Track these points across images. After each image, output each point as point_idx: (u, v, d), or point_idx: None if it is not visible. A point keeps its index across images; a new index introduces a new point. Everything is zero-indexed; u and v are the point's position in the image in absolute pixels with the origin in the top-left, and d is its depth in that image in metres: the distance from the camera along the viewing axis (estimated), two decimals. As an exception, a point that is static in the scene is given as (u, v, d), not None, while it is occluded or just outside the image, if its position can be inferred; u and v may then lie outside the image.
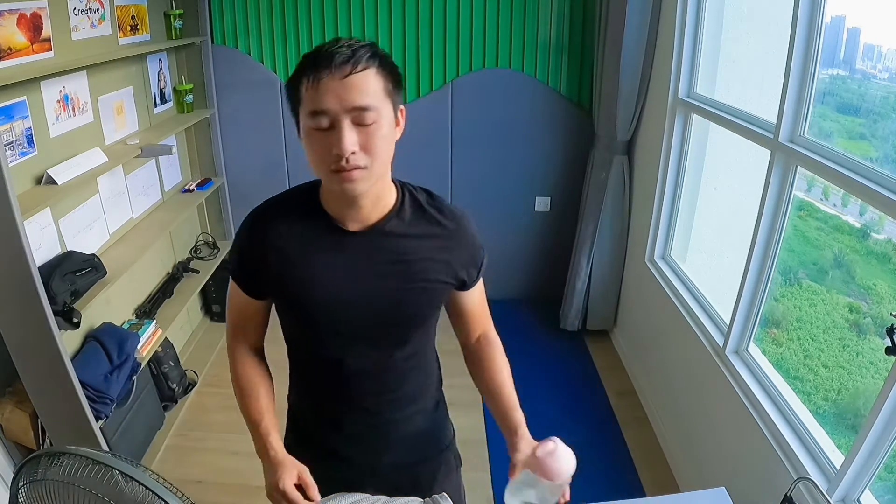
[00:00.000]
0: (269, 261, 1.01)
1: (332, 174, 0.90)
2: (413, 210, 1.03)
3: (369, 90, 0.88)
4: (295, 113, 0.94)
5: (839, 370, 1.79)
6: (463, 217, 1.07)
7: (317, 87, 0.87)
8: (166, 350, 2.59)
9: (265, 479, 1.02)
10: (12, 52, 1.78)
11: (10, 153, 1.79)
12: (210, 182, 3.03)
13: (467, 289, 1.12)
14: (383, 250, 1.00)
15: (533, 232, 3.34)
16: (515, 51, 2.96)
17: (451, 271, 1.05)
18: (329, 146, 0.88)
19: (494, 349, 1.20)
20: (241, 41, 2.95)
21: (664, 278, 2.50)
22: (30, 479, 0.78)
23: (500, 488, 2.20)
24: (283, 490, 0.96)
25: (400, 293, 1.01)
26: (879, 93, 1.64)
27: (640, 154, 2.78)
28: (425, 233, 1.02)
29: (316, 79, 0.87)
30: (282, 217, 1.02)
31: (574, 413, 2.60)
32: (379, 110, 0.90)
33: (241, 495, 2.16)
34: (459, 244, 1.05)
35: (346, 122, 0.87)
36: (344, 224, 0.99)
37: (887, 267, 1.68)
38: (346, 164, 0.88)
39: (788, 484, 1.21)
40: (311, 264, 1.00)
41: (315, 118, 0.88)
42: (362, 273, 1.00)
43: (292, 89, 0.92)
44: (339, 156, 0.88)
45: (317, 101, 0.87)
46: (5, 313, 1.66)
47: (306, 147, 0.92)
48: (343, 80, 0.86)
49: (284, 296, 1.04)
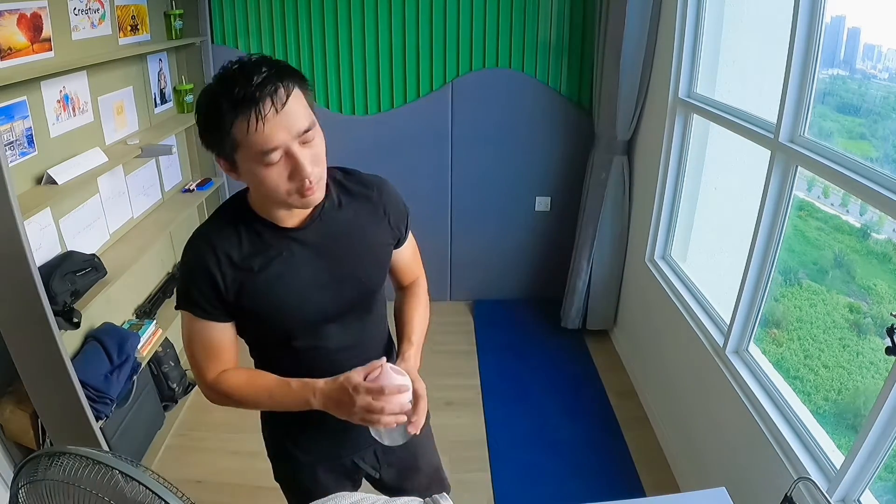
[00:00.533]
0: (227, 280, 1.01)
1: (294, 195, 0.95)
2: (338, 190, 1.09)
3: (302, 110, 0.92)
4: (227, 156, 0.94)
5: (839, 370, 1.79)
6: (382, 183, 1.15)
7: (262, 128, 0.88)
8: (166, 350, 2.59)
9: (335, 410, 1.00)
10: (12, 52, 1.78)
11: (10, 153, 1.79)
12: (210, 182, 3.03)
13: (401, 245, 1.20)
14: (329, 234, 1.06)
15: (533, 232, 3.34)
16: (515, 51, 2.96)
17: (389, 232, 1.14)
18: (287, 174, 0.93)
19: (420, 290, 1.28)
20: (241, 41, 2.95)
21: (664, 278, 2.50)
22: (30, 479, 0.78)
23: (500, 488, 2.20)
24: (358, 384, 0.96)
25: (357, 268, 1.09)
26: (879, 93, 1.64)
27: (640, 154, 2.78)
28: (356, 206, 1.10)
29: (258, 119, 0.87)
30: (224, 237, 1.02)
31: (574, 413, 2.60)
32: (314, 123, 0.94)
33: (241, 495, 2.16)
34: (388, 206, 1.13)
35: (297, 149, 0.91)
36: (284, 223, 1.03)
37: (887, 267, 1.68)
38: (309, 183, 0.93)
39: (788, 484, 1.21)
40: (269, 269, 1.02)
41: (265, 156, 0.90)
42: (319, 262, 1.05)
43: (221, 135, 0.90)
44: (302, 180, 0.92)
45: (265, 141, 0.89)
46: (5, 313, 1.66)
47: (254, 181, 0.95)
48: (283, 112, 0.89)
49: (251, 307, 1.03)
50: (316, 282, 1.05)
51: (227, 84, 0.88)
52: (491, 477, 2.26)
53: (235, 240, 1.02)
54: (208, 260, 1.01)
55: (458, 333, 3.15)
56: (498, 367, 2.89)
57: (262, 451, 1.31)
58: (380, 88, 3.01)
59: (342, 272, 1.07)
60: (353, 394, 0.96)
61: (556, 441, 2.42)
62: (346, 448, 1.24)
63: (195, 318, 1.04)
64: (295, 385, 1.03)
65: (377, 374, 0.98)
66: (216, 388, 1.08)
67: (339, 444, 1.23)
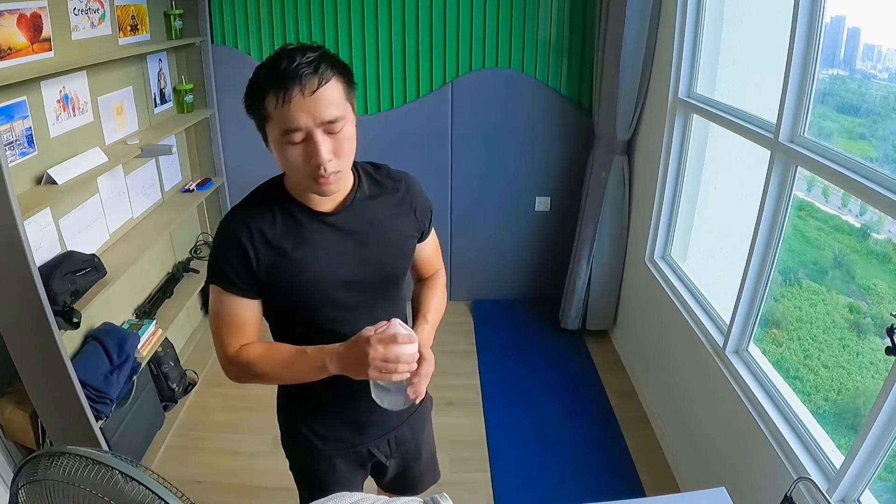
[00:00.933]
0: (259, 256, 1.04)
1: (310, 180, 0.99)
2: (369, 181, 1.14)
3: (334, 101, 0.96)
4: (261, 127, 1.00)
5: (839, 370, 1.79)
6: (409, 178, 1.21)
7: (287, 107, 0.93)
8: (166, 350, 2.59)
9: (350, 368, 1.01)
10: (12, 52, 1.78)
11: (10, 153, 1.79)
12: (210, 182, 3.03)
13: (424, 239, 1.26)
14: (359, 221, 1.10)
15: (533, 232, 3.34)
16: (515, 51, 2.96)
17: (414, 225, 1.19)
18: (305, 157, 0.97)
19: (439, 281, 1.33)
20: (241, 41, 2.95)
21: (664, 278, 2.50)
22: (29, 479, 0.78)
23: (500, 488, 2.21)
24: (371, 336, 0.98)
25: (383, 255, 1.13)
26: (879, 93, 1.64)
27: (640, 154, 2.78)
28: (385, 199, 1.15)
29: (285, 99, 0.92)
30: (259, 214, 1.06)
31: (574, 413, 2.60)
32: (344, 116, 0.98)
33: (241, 495, 2.16)
34: (414, 201, 1.19)
35: (319, 135, 0.95)
36: (318, 207, 1.08)
37: (887, 267, 1.68)
38: (324, 171, 0.97)
39: (788, 484, 1.21)
40: (300, 250, 1.06)
41: (288, 135, 0.95)
42: (348, 246, 1.09)
43: (256, 106, 0.97)
44: (317, 165, 0.96)
45: (289, 120, 0.94)
46: (5, 313, 1.66)
47: (279, 157, 0.99)
48: (311, 98, 0.93)
49: (280, 286, 1.06)
50: (344, 264, 1.09)
51: (275, 58, 0.94)
52: (491, 477, 2.26)
53: (270, 219, 1.05)
54: (242, 236, 1.04)
55: (458, 333, 3.15)
56: (498, 367, 2.89)
57: (262, 451, 1.32)
58: (380, 88, 3.01)
59: (369, 257, 1.11)
60: (366, 346, 0.98)
61: (556, 441, 2.42)
62: (363, 436, 1.27)
63: (224, 293, 1.07)
64: (311, 351, 1.05)
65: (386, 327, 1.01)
66: (236, 360, 1.10)
67: (358, 432, 1.26)
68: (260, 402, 2.66)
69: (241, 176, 3.18)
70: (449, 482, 2.19)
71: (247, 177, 3.14)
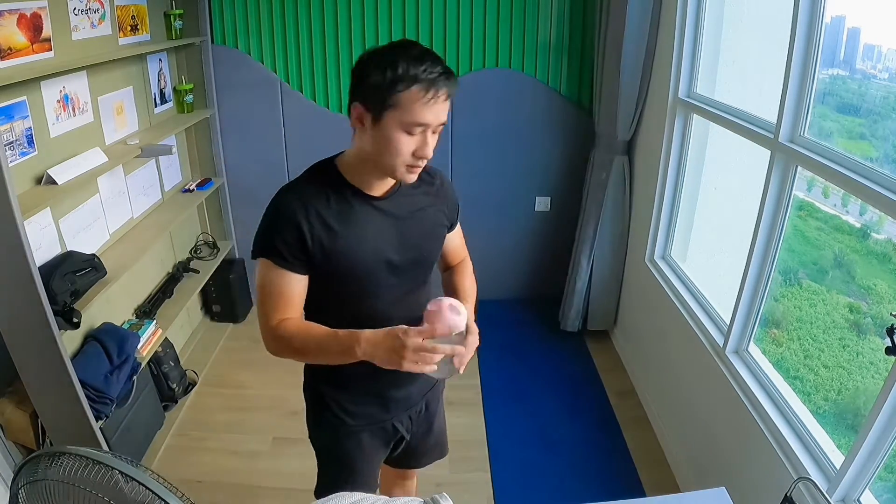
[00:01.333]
0: (314, 233, 1.10)
1: (405, 167, 1.08)
2: None
3: (448, 110, 1.08)
4: (377, 109, 1.04)
5: (839, 370, 1.79)
6: (442, 174, 1.31)
7: (429, 106, 1.03)
8: (166, 350, 2.59)
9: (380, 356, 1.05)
10: (12, 52, 1.78)
11: (10, 153, 1.79)
12: (210, 182, 3.03)
13: (453, 230, 1.36)
14: (402, 208, 1.19)
15: (533, 232, 3.34)
16: (515, 51, 2.96)
17: (445, 216, 1.29)
18: (412, 147, 1.06)
19: (468, 267, 1.43)
20: (241, 41, 2.95)
21: (664, 278, 2.50)
22: (30, 479, 0.78)
23: (500, 488, 2.21)
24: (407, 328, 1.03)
25: (421, 240, 1.23)
26: (879, 93, 1.64)
27: (640, 154, 2.78)
28: (424, 189, 1.24)
29: (432, 98, 1.02)
30: (313, 192, 1.12)
31: (574, 413, 2.60)
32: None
33: (241, 495, 2.15)
34: (446, 195, 1.29)
35: (431, 134, 1.07)
36: (371, 191, 1.16)
37: (887, 267, 1.68)
38: (421, 164, 1.09)
39: (788, 484, 1.21)
40: (351, 229, 1.13)
41: (413, 127, 1.04)
42: (394, 229, 1.18)
43: (389, 92, 1.02)
44: (421, 158, 1.07)
45: (423, 116, 1.03)
46: (5, 313, 1.66)
47: (383, 140, 1.06)
48: (445, 103, 1.06)
49: (329, 263, 1.12)
50: (388, 245, 1.17)
51: (413, 56, 1.02)
52: (491, 477, 2.26)
53: (324, 199, 1.12)
54: (298, 212, 1.09)
55: (458, 333, 3.15)
56: (498, 367, 2.89)
57: (262, 451, 1.32)
58: (380, 88, 3.01)
59: (409, 241, 1.20)
60: (404, 337, 1.02)
61: (556, 441, 2.42)
62: (389, 411, 1.34)
63: (273, 266, 1.12)
64: (342, 334, 1.09)
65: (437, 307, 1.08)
66: (277, 332, 1.14)
67: (384, 407, 1.32)
68: (260, 402, 2.67)
69: (241, 176, 3.19)
70: (449, 482, 2.19)
71: (247, 177, 3.18)
